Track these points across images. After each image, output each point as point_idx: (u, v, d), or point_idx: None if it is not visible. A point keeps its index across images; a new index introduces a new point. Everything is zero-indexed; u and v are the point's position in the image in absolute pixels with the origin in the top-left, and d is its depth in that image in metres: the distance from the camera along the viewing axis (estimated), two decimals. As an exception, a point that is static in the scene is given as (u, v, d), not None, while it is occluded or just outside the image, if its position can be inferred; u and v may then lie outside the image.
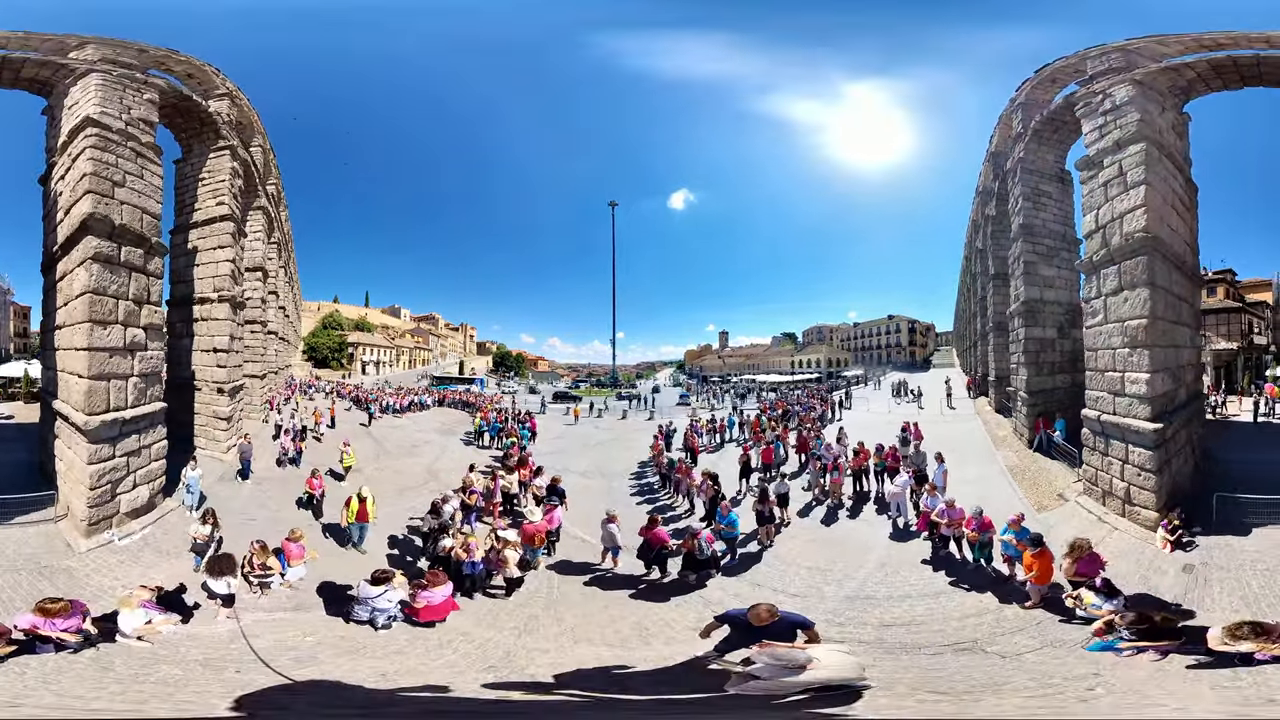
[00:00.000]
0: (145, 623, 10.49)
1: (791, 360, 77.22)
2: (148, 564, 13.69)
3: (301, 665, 10.01)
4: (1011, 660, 9.97)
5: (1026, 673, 9.34)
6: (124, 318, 15.58)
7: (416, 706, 8.93)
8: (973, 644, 10.73)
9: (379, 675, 9.74)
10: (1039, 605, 11.58)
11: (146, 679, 9.08)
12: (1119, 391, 15.33)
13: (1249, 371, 33.68)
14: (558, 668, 10.13)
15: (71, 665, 9.28)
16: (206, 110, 21.59)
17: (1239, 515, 13.50)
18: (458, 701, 9.01)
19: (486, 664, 10.52)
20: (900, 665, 10.02)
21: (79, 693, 8.44)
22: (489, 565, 13.60)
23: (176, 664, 9.69)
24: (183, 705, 8.35)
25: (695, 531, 14.09)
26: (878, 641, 11.11)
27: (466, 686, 9.47)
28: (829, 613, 12.26)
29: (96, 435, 14.54)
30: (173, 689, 8.84)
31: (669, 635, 11.67)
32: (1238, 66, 15.28)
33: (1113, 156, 15.60)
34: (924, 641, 10.96)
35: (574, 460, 25.08)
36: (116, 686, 8.78)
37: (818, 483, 18.59)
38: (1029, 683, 8.89)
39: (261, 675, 9.47)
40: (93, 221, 15.03)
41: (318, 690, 9.21)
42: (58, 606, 9.72)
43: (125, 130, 16.27)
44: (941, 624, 11.67)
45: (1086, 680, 8.64)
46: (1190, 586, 11.70)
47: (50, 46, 16.20)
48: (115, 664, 9.50)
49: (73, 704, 8.12)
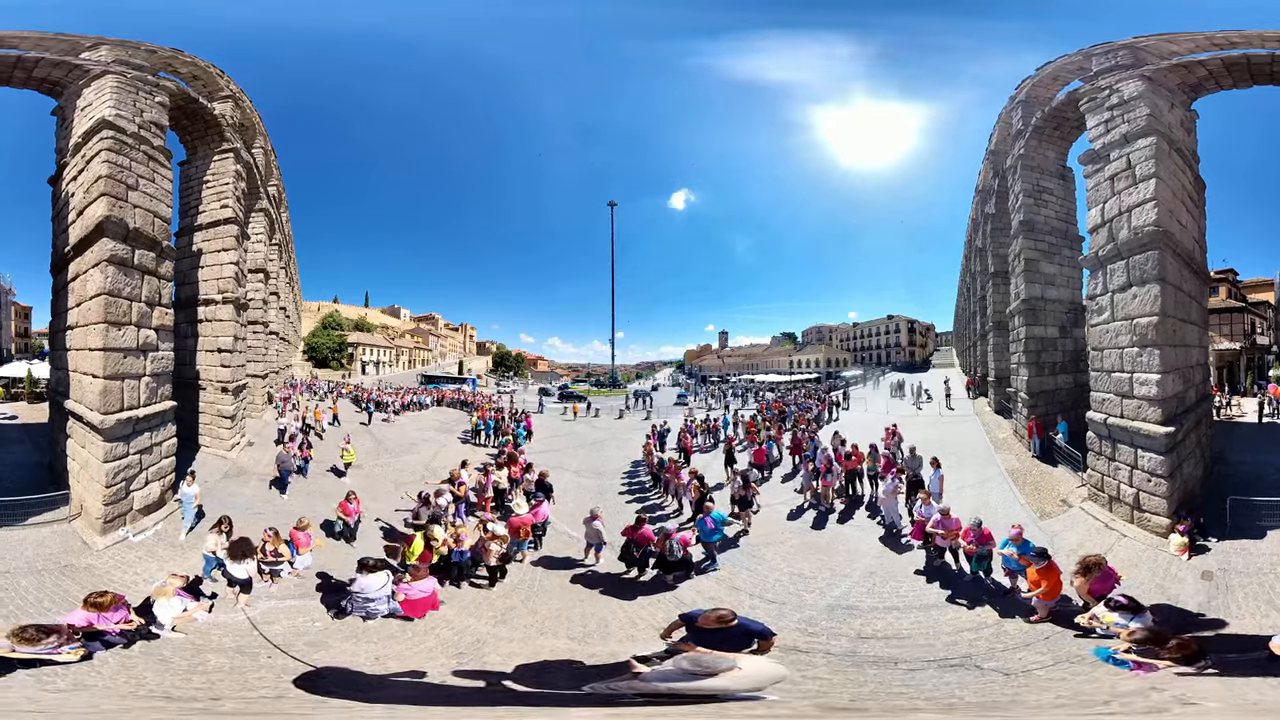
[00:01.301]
0: (182, 611, 10.73)
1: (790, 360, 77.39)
2: (163, 558, 13.88)
3: (315, 650, 10.33)
4: (1018, 677, 9.37)
5: (1042, 690, 8.77)
6: (137, 319, 15.73)
7: (402, 691, 9.10)
8: (964, 660, 10.15)
9: (374, 659, 10.06)
10: (1046, 620, 10.99)
11: (201, 669, 9.36)
12: (1127, 393, 14.87)
13: (1252, 372, 33.93)
14: (519, 658, 10.29)
15: (134, 660, 9.42)
16: (212, 113, 21.61)
17: (1253, 518, 13.11)
18: (433, 687, 9.16)
19: (458, 650, 10.69)
20: (859, 679, 9.63)
21: (162, 687, 8.66)
22: (475, 554, 14.00)
23: (218, 652, 9.97)
24: (252, 691, 8.62)
25: (669, 532, 13.92)
26: (849, 654, 10.61)
27: (438, 672, 9.67)
28: (803, 621, 11.85)
29: (112, 434, 14.76)
30: (228, 676, 9.17)
31: (630, 633, 11.64)
32: (1251, 64, 15.11)
33: (1120, 150, 15.34)
34: (905, 656, 10.41)
35: (568, 458, 25.17)
36: (190, 678, 9.03)
37: (809, 485, 18.06)
38: (1055, 701, 8.31)
39: (281, 660, 9.86)
40: (108, 224, 15.13)
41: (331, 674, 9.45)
42: (107, 599, 9.83)
43: (138, 133, 16.34)
44: (930, 638, 11.06)
45: (1140, 696, 7.80)
46: (1212, 594, 11.29)
47: (64, 47, 16.18)
48: (168, 656, 9.70)
49: (163, 702, 8.28)
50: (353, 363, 64.92)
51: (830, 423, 30.04)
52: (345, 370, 63.06)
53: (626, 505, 19.17)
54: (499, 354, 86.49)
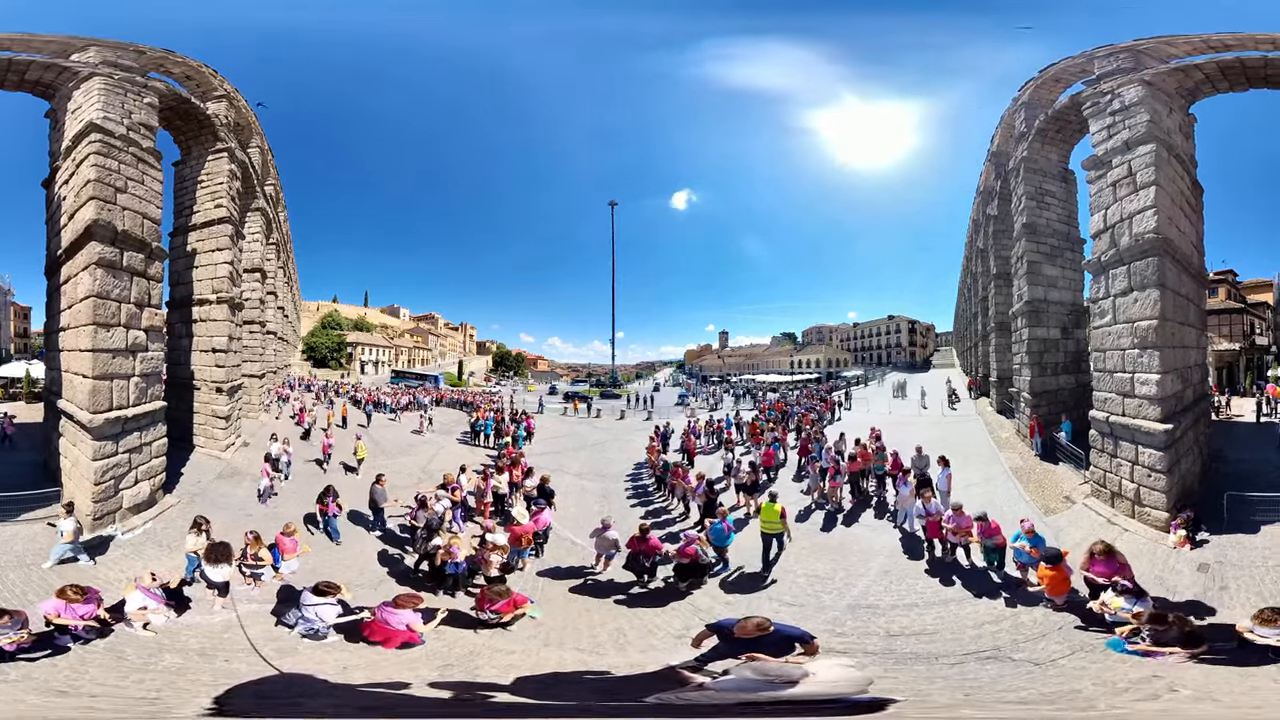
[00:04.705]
0: (140, 608, 10.78)
1: (791, 360, 77.19)
2: (151, 558, 13.96)
3: (284, 656, 10.26)
4: (1048, 667, 9.67)
5: (1076, 679, 9.15)
6: (126, 320, 15.77)
7: (374, 700, 8.97)
8: (995, 652, 10.44)
9: (341, 669, 9.89)
10: (1063, 610, 11.41)
11: (153, 667, 9.48)
12: (1128, 393, 15.26)
13: (1251, 372, 33.74)
14: (519, 670, 9.99)
15: (93, 655, 9.72)
16: (204, 113, 21.54)
17: (1248, 514, 13.60)
18: (414, 699, 9.01)
19: (445, 662, 10.40)
20: (920, 676, 9.76)
21: (110, 681, 8.85)
22: (472, 564, 13.79)
23: (178, 653, 10.07)
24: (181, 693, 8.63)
25: (692, 539, 13.89)
26: (887, 652, 10.81)
27: (420, 684, 9.46)
28: (829, 623, 11.97)
29: (100, 433, 14.89)
30: (175, 677, 9.21)
31: (649, 642, 11.48)
32: (1245, 68, 15.26)
33: (1121, 156, 15.56)
34: (941, 651, 10.64)
35: (569, 460, 24.95)
36: (129, 676, 9.13)
37: (817, 486, 18.15)
38: (1092, 689, 8.68)
39: (243, 664, 9.86)
40: (96, 228, 15.16)
41: (291, 682, 9.40)
42: (78, 594, 10.17)
43: (127, 136, 16.29)
44: (956, 632, 11.33)
45: (1150, 683, 8.47)
46: (1208, 586, 11.68)
47: (54, 49, 16.13)
48: (127, 652, 9.88)
49: (104, 692, 8.44)
50: (352, 362, 64.91)
51: (834, 423, 29.85)
52: (345, 370, 63.01)
53: (631, 509, 18.98)
54: (499, 354, 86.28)
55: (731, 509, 15.79)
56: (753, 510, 16.80)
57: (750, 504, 17.25)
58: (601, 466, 24.26)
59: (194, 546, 13.01)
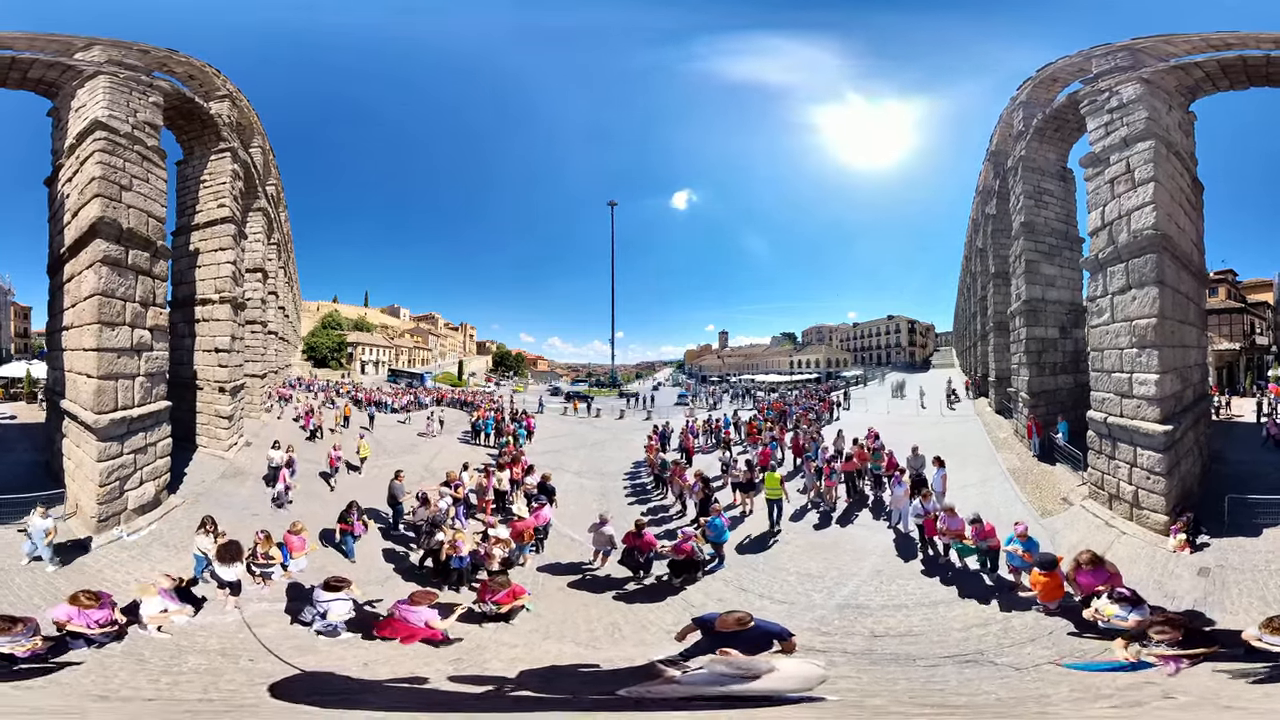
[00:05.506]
0: (161, 611, 10.71)
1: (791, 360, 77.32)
2: (157, 559, 13.88)
3: (303, 654, 10.30)
4: (1029, 672, 9.51)
5: (1056, 685, 8.91)
6: (131, 319, 15.74)
7: (395, 696, 9.04)
8: (977, 655, 10.29)
9: (362, 665, 9.97)
10: (1056, 614, 11.23)
11: (178, 669, 9.41)
12: (1126, 393, 15.06)
13: (1251, 372, 33.81)
14: (522, 664, 10.14)
15: (112, 660, 9.59)
16: (208, 112, 21.57)
17: (1249, 516, 13.33)
18: (430, 692, 9.12)
19: (455, 655, 10.59)
20: (885, 677, 9.70)
21: (135, 685, 8.77)
22: (475, 560, 13.93)
23: (199, 654, 10.02)
24: (222, 694, 8.63)
25: (689, 535, 14.08)
26: (865, 652, 10.71)
27: (435, 677, 9.62)
28: (816, 621, 11.94)
29: (105, 433, 14.78)
30: (207, 678, 9.18)
31: (642, 636, 11.60)
32: (1246, 66, 15.18)
33: (1119, 153, 15.46)
34: (920, 653, 10.54)
35: (569, 459, 25.06)
36: (159, 679, 9.08)
37: (813, 485, 18.17)
38: (1070, 694, 8.42)
39: (267, 663, 9.84)
40: (101, 225, 15.14)
41: (316, 680, 9.41)
42: (92, 599, 9.92)
43: (132, 134, 16.31)
44: (941, 635, 11.23)
45: (1139, 690, 8.10)
46: (1208, 590, 11.43)
47: (57, 47, 16.16)
48: (147, 656, 9.79)
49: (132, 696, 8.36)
50: (352, 362, 64.93)
51: (832, 422, 29.92)
52: (345, 370, 63.03)
53: (630, 507, 19.12)
54: (499, 353, 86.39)
55: (727, 507, 16.07)
56: (749, 509, 17.22)
57: (747, 503, 17.53)
58: (601, 465, 24.37)
59: (203, 546, 13.01)
